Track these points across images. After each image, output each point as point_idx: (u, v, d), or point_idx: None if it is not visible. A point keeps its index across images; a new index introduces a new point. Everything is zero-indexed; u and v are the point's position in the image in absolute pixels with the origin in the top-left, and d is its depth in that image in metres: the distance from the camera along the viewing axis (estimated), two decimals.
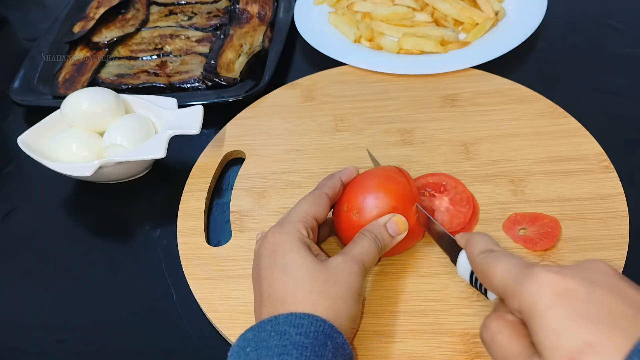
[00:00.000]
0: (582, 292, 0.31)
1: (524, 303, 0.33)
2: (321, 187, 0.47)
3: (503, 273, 0.35)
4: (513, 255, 0.37)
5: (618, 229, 0.50)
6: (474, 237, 0.41)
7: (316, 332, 0.38)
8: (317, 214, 0.45)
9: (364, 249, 0.43)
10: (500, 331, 0.35)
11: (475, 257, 0.39)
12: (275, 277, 0.41)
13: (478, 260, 0.38)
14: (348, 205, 0.47)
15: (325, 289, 0.40)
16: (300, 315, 0.38)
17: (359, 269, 0.42)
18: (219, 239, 0.56)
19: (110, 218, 0.61)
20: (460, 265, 0.43)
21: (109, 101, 0.62)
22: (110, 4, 0.86)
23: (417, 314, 0.47)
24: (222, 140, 0.65)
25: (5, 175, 0.68)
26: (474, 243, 0.40)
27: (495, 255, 0.37)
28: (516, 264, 0.35)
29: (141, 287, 0.54)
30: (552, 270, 0.33)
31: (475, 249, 0.40)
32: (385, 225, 0.45)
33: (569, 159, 0.57)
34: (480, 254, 0.39)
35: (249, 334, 0.39)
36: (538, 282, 0.32)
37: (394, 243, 0.45)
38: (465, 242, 0.42)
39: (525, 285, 0.33)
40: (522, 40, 0.70)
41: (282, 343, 0.37)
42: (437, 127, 0.62)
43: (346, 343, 0.39)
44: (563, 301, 0.31)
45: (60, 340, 0.51)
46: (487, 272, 0.37)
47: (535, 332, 0.32)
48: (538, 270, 0.33)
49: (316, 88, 0.69)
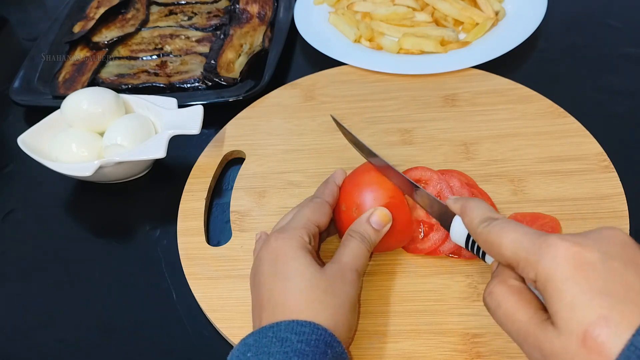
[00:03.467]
0: (599, 265, 0.31)
1: (540, 274, 0.32)
2: (320, 195, 0.48)
3: (514, 243, 0.35)
4: (519, 224, 0.36)
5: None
6: (469, 204, 0.40)
7: (317, 341, 0.38)
8: (320, 221, 0.46)
9: (354, 253, 0.44)
10: (505, 298, 0.35)
11: (476, 226, 0.38)
12: (276, 285, 0.41)
13: (480, 230, 0.38)
14: (346, 204, 0.48)
15: (325, 299, 0.40)
16: (302, 322, 0.38)
17: (355, 277, 0.43)
18: (219, 239, 0.56)
19: (110, 218, 0.61)
20: (454, 230, 0.42)
21: (109, 101, 0.62)
22: (110, 4, 0.86)
23: (417, 314, 0.47)
24: (222, 140, 0.65)
25: (5, 175, 0.68)
26: (471, 211, 0.40)
27: (500, 224, 0.37)
28: (527, 233, 0.35)
29: (141, 287, 0.54)
30: (570, 241, 0.32)
31: (474, 218, 0.39)
32: (368, 221, 0.45)
33: (569, 158, 0.57)
34: (482, 223, 0.38)
35: (250, 339, 0.39)
36: (557, 253, 0.32)
37: (380, 236, 0.46)
38: (460, 209, 0.41)
39: (542, 256, 0.32)
40: (522, 40, 0.70)
41: (283, 350, 0.37)
42: (437, 127, 0.62)
43: (345, 353, 0.39)
44: (581, 274, 0.31)
45: (60, 340, 0.51)
46: (494, 242, 0.36)
47: (552, 302, 0.32)
48: (556, 242, 0.32)
49: (316, 88, 0.69)
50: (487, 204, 0.40)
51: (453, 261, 0.50)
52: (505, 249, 0.35)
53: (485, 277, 0.48)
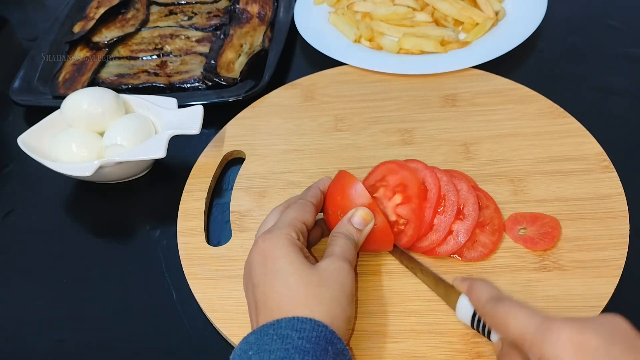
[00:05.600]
0: (602, 351, 0.32)
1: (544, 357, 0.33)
2: (304, 197, 0.49)
3: (520, 325, 0.36)
4: (524, 305, 0.37)
5: (618, 229, 0.50)
6: (476, 284, 0.42)
7: (317, 338, 0.38)
8: (305, 219, 0.46)
9: (343, 247, 0.44)
10: None
11: (483, 305, 0.40)
12: (268, 285, 0.41)
13: (488, 309, 0.39)
14: (332, 208, 0.49)
15: (319, 293, 0.40)
16: (302, 319, 0.38)
17: (348, 266, 0.43)
18: (219, 239, 0.56)
19: (110, 218, 0.61)
20: (460, 309, 0.44)
21: (109, 101, 0.62)
22: (110, 4, 0.86)
23: (417, 314, 0.47)
24: (222, 140, 0.65)
25: (5, 175, 0.68)
26: (478, 290, 0.41)
27: (507, 305, 0.38)
28: (533, 314, 0.36)
29: (141, 287, 0.54)
30: (573, 327, 0.33)
31: (481, 297, 0.40)
32: (350, 221, 0.46)
33: (569, 158, 0.57)
34: (489, 302, 0.39)
35: (251, 338, 0.39)
36: (559, 338, 0.33)
37: (364, 235, 0.47)
38: (467, 289, 0.42)
39: (545, 339, 0.34)
40: (522, 40, 0.70)
41: (284, 347, 0.37)
42: (437, 127, 0.62)
43: (346, 349, 0.39)
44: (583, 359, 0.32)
45: (60, 340, 0.51)
46: (501, 320, 0.37)
47: None
48: (559, 326, 0.34)
49: (316, 88, 0.69)
50: (492, 285, 0.41)
51: (453, 261, 0.50)
52: (513, 328, 0.36)
53: (485, 277, 0.48)
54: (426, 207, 0.50)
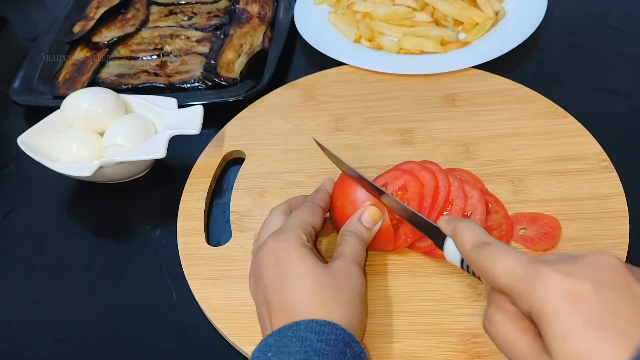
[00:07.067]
0: (592, 296, 0.31)
1: (534, 306, 0.33)
2: (312, 200, 0.49)
3: (507, 272, 0.35)
4: (512, 249, 0.36)
5: (618, 229, 0.50)
6: (461, 227, 0.40)
7: (336, 340, 0.38)
8: (314, 222, 0.46)
9: (352, 248, 0.44)
10: (504, 326, 0.35)
11: (469, 252, 0.38)
12: (283, 286, 0.41)
13: (474, 256, 0.38)
14: (341, 201, 0.49)
15: (337, 296, 0.40)
16: (321, 322, 0.38)
17: (359, 269, 0.43)
18: (219, 239, 0.56)
19: (110, 218, 0.61)
20: (448, 252, 0.43)
21: (109, 101, 0.62)
22: (110, 4, 0.86)
23: (417, 314, 0.47)
24: (222, 140, 0.65)
25: (5, 175, 0.68)
26: (463, 235, 0.40)
27: (492, 250, 0.37)
28: (520, 261, 0.35)
29: (141, 287, 0.54)
30: (562, 272, 0.32)
31: (466, 243, 0.39)
32: (359, 220, 0.46)
33: (569, 158, 0.57)
34: (474, 249, 0.38)
35: (270, 339, 0.39)
36: (548, 286, 0.32)
37: (373, 233, 0.47)
38: (452, 232, 0.41)
39: (534, 288, 0.33)
40: (522, 40, 0.70)
41: (303, 349, 0.37)
42: (437, 127, 0.62)
43: (364, 352, 0.39)
44: (573, 307, 0.31)
45: (60, 340, 0.51)
46: (487, 269, 0.36)
47: (545, 334, 0.32)
48: (548, 273, 0.33)
49: (316, 88, 0.69)
50: (479, 227, 0.40)
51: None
52: (499, 277, 0.35)
53: None
54: (432, 209, 0.49)
